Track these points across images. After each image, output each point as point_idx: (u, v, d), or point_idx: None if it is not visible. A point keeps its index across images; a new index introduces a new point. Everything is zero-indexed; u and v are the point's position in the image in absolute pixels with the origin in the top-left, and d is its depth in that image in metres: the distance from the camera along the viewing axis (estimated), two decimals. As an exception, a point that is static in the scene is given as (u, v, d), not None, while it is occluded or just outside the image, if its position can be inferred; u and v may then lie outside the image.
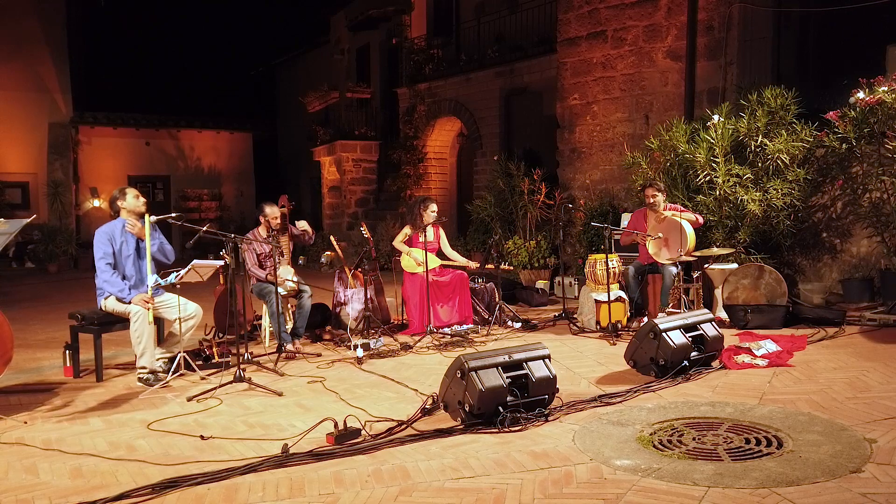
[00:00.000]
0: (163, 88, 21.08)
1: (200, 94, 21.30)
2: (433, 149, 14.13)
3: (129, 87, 20.32)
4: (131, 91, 20.21)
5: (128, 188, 5.21)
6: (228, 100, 21.46)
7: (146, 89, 20.58)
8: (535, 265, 9.24)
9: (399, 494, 2.91)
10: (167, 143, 18.79)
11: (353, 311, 6.55)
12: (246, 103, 21.74)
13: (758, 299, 6.27)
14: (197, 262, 5.03)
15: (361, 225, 7.12)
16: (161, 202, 17.88)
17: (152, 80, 21.10)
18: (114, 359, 5.72)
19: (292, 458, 3.32)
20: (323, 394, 4.56)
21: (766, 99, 6.92)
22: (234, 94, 21.92)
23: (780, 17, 8.12)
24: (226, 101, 21.30)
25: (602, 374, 4.80)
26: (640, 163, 7.68)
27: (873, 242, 6.77)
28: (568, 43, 9.34)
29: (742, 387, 4.26)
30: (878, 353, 4.94)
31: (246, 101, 21.94)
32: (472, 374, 3.67)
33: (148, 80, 20.99)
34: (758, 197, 6.73)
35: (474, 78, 12.68)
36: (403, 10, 14.67)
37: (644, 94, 8.64)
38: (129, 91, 20.19)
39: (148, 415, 4.17)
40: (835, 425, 3.46)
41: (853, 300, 6.66)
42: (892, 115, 6.35)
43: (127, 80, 20.50)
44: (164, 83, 21.28)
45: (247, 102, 21.84)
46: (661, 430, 3.55)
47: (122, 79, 20.47)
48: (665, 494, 2.79)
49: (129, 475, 3.22)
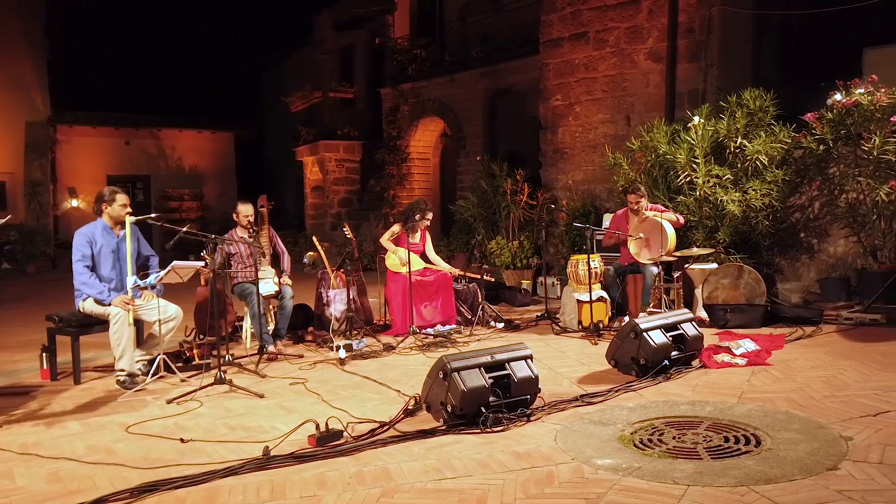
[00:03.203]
0: (144, 88, 20.84)
1: (182, 94, 21.09)
2: (417, 149, 14.12)
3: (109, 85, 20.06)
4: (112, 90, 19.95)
5: (119, 193, 5.10)
6: (211, 99, 21.26)
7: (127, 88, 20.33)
8: (518, 265, 9.27)
9: (381, 496, 2.91)
10: (148, 142, 18.60)
11: (335, 311, 6.53)
12: (230, 103, 21.56)
13: (737, 299, 6.34)
14: (177, 263, 4.99)
15: (344, 225, 7.10)
16: (142, 202, 17.68)
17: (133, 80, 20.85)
18: (92, 361, 5.65)
19: (273, 460, 3.30)
20: (305, 395, 4.54)
21: (746, 100, 7.00)
22: (218, 93, 21.73)
23: (759, 20, 8.21)
24: (209, 100, 21.10)
25: (584, 373, 4.82)
26: (621, 164, 7.73)
27: (850, 242, 6.87)
28: (551, 44, 9.38)
29: (722, 386, 4.30)
30: (854, 351, 5.01)
31: (230, 100, 21.75)
32: (454, 374, 3.67)
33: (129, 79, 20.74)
34: (737, 197, 6.80)
35: (459, 78, 12.68)
36: (387, 10, 14.65)
37: (626, 96, 8.69)
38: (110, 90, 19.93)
39: (127, 418, 4.13)
40: (812, 423, 3.51)
41: (830, 299, 6.75)
42: (868, 117, 6.45)
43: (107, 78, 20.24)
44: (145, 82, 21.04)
45: (231, 102, 21.65)
46: (641, 430, 3.58)
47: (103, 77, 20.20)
48: (646, 493, 2.81)
49: (108, 479, 3.18)
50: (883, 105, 6.37)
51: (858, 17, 7.06)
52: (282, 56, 19.92)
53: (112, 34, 20.91)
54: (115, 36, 21.02)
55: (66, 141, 17.20)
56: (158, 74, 21.38)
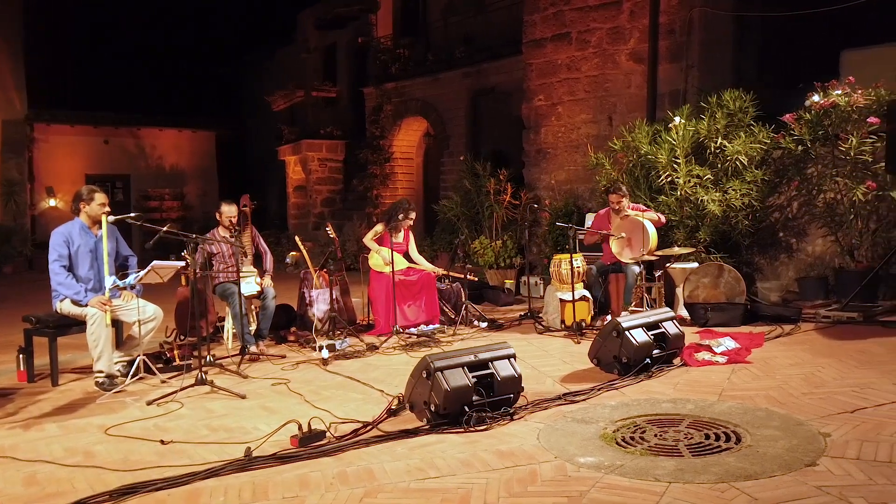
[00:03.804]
0: (123, 86, 20.55)
1: (163, 92, 20.86)
2: (400, 148, 14.10)
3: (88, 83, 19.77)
4: (90, 88, 19.66)
5: (98, 192, 5.02)
6: (192, 98, 21.04)
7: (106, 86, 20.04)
8: (501, 265, 9.28)
9: (364, 496, 2.90)
10: (127, 141, 18.38)
11: (318, 311, 6.50)
12: (211, 102, 21.35)
13: (718, 297, 6.40)
14: (157, 263, 4.93)
15: (327, 225, 7.06)
16: (121, 202, 17.46)
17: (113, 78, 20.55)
18: (71, 363, 5.57)
19: (255, 461, 3.27)
20: (287, 396, 4.51)
21: (726, 101, 7.07)
22: (199, 92, 21.50)
23: (739, 22, 8.30)
24: (190, 99, 20.88)
25: (567, 372, 4.84)
26: (604, 164, 7.78)
27: (828, 242, 6.97)
28: (533, 44, 9.41)
29: (702, 383, 4.34)
30: (832, 349, 5.08)
31: (211, 99, 21.54)
32: (437, 374, 3.67)
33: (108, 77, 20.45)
34: (717, 197, 6.87)
35: (442, 78, 12.68)
36: (370, 9, 14.61)
37: (608, 96, 8.75)
38: (89, 88, 19.64)
39: (106, 420, 4.08)
40: (791, 420, 3.55)
41: (809, 298, 6.85)
42: (845, 117, 6.55)
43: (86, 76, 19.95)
44: (124, 81, 20.76)
45: (212, 101, 21.44)
46: (624, 428, 3.60)
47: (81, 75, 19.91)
48: (628, 491, 2.82)
49: (87, 482, 3.14)
50: (860, 106, 6.47)
51: (836, 19, 7.17)
52: (264, 55, 19.79)
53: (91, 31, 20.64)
54: (94, 33, 20.74)
55: (43, 140, 16.94)
56: (138, 72, 21.12)
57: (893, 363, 4.51)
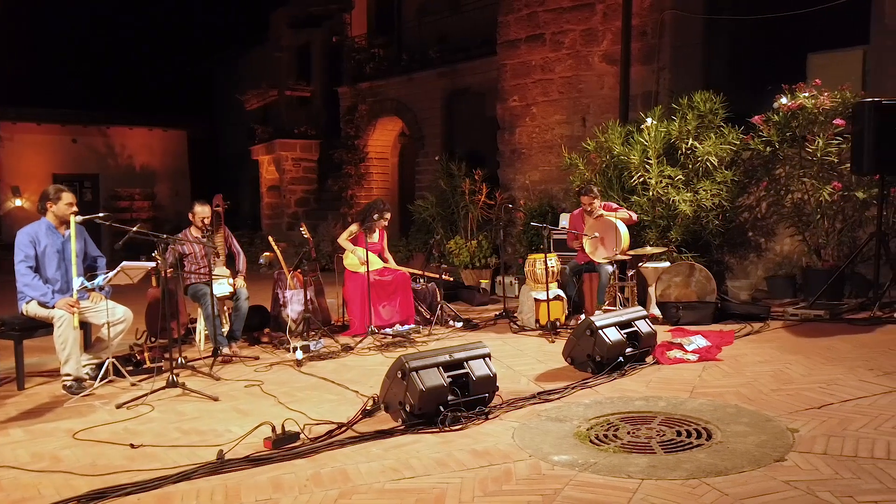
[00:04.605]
0: (93, 84, 20.19)
1: (133, 90, 20.53)
2: (375, 149, 14.05)
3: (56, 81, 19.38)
4: (59, 85, 19.27)
5: (65, 192, 4.93)
6: (163, 96, 20.74)
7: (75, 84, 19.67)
8: (476, 265, 9.30)
9: (339, 497, 2.88)
10: (96, 140, 18.05)
11: (292, 312, 6.44)
12: (183, 100, 21.06)
13: (689, 296, 6.49)
14: (126, 264, 4.85)
15: (301, 225, 7.01)
16: (90, 202, 17.16)
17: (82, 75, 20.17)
18: (37, 366, 5.45)
19: (228, 464, 3.23)
20: (261, 398, 4.47)
21: (697, 103, 7.17)
22: (170, 90, 21.20)
23: (709, 25, 8.43)
24: (160, 97, 20.58)
25: (541, 371, 4.87)
26: (577, 164, 7.84)
27: (795, 241, 7.11)
28: (508, 45, 9.45)
29: (674, 381, 4.40)
30: (800, 346, 5.19)
31: (182, 97, 21.25)
32: (412, 374, 3.67)
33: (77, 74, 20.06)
34: (688, 197, 6.97)
35: (417, 78, 12.67)
36: (344, 8, 14.54)
37: (581, 97, 8.82)
38: (57, 85, 19.25)
39: (74, 424, 4.00)
40: (760, 416, 3.61)
41: (777, 296, 6.98)
42: (812, 119, 6.69)
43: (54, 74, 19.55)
44: (94, 78, 20.39)
45: (183, 99, 21.16)
46: (597, 426, 3.63)
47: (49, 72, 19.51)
48: (601, 488, 2.85)
49: (54, 487, 3.07)
50: (826, 108, 6.61)
51: (803, 23, 7.31)
52: (236, 53, 19.58)
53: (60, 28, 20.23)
54: (63, 30, 20.33)
55: (8, 138, 16.56)
56: (108, 70, 20.77)
57: (859, 360, 4.61)
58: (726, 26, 8.45)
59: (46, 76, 19.30)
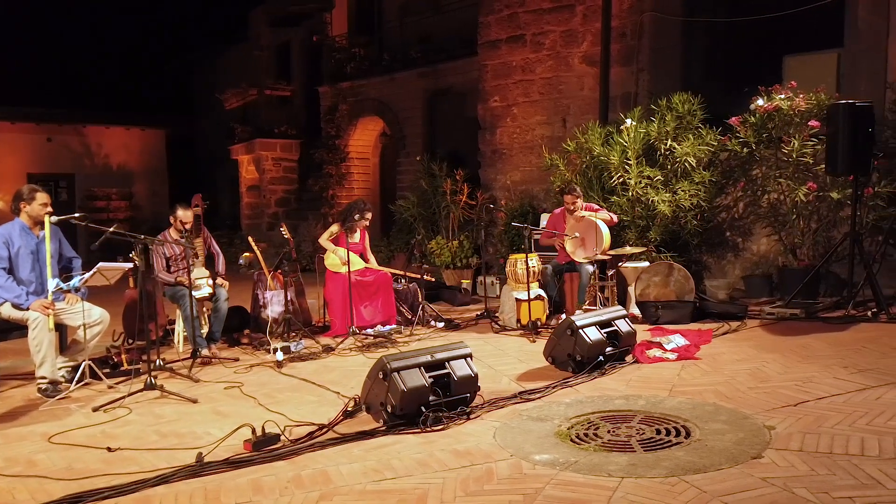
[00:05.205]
0: (68, 81, 19.89)
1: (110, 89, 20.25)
2: (356, 148, 14.00)
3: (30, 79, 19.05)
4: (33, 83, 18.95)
5: (40, 192, 4.86)
6: (141, 95, 20.49)
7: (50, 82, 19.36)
8: (457, 265, 9.31)
9: (320, 499, 2.87)
10: (72, 139, 17.76)
11: (272, 313, 6.40)
12: (161, 99, 20.82)
13: (668, 296, 6.56)
14: (103, 265, 4.79)
15: (282, 225, 6.97)
16: (65, 202, 16.86)
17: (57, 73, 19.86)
18: (11, 369, 5.36)
19: (207, 466, 3.21)
20: (241, 399, 4.43)
21: (675, 104, 7.24)
22: (148, 89, 20.95)
23: (688, 27, 8.52)
24: (138, 96, 20.33)
25: (522, 370, 4.89)
26: (558, 164, 7.88)
27: (772, 241, 7.21)
28: (489, 46, 9.47)
29: (654, 380, 4.44)
30: (776, 344, 5.26)
31: (161, 96, 21.01)
32: (394, 374, 3.66)
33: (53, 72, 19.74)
34: (667, 198, 7.04)
35: (398, 78, 12.64)
36: (325, 7, 14.46)
37: (562, 98, 8.86)
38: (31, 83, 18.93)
39: (50, 427, 3.94)
40: (738, 414, 3.66)
41: (754, 295, 7.08)
42: (787, 121, 6.78)
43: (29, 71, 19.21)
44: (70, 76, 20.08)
45: (162, 98, 20.91)
46: (578, 425, 3.66)
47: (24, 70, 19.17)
48: (582, 487, 2.87)
49: (28, 492, 3.02)
50: (801, 110, 6.71)
51: (779, 25, 7.42)
52: (215, 52, 19.38)
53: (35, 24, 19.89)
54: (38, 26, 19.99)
55: (-20, 136, 16.24)
56: (84, 68, 20.46)
57: (834, 358, 4.69)
58: (703, 28, 8.55)
59: (20, 74, 18.96)
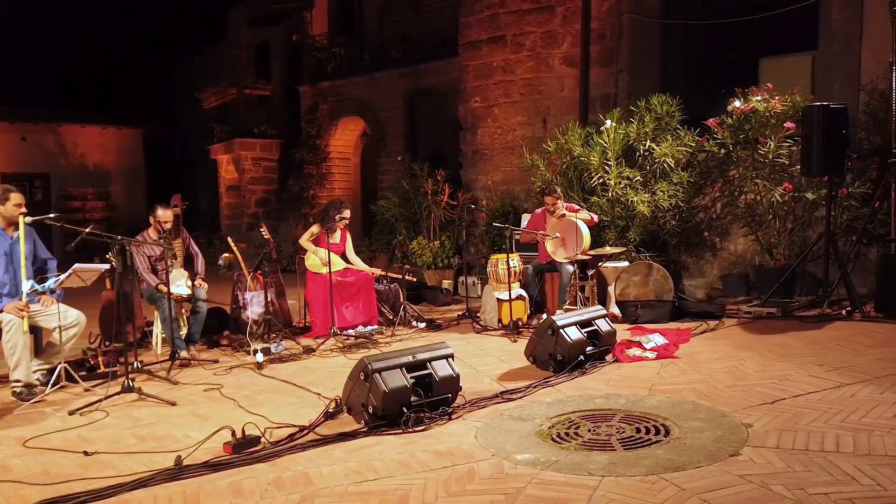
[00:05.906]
0: (43, 80, 19.51)
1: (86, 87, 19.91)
2: (337, 148, 13.94)
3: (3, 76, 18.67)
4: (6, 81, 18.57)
5: (13, 192, 4.77)
6: (118, 94, 20.17)
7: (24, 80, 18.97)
8: (439, 265, 9.31)
9: (301, 501, 2.85)
10: (47, 138, 17.48)
11: (252, 314, 6.35)
12: (138, 98, 20.52)
13: (647, 295, 6.62)
14: (79, 266, 4.72)
15: (262, 226, 6.91)
16: (40, 202, 16.59)
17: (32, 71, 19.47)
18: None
19: (186, 470, 3.17)
20: (220, 402, 4.39)
21: (654, 106, 7.31)
22: (125, 88, 20.62)
23: (666, 29, 8.60)
24: (115, 95, 20.01)
25: (504, 370, 4.90)
26: (538, 165, 7.91)
27: (749, 241, 7.31)
28: (470, 46, 9.48)
29: (634, 379, 4.48)
30: (753, 343, 5.33)
31: (138, 95, 20.70)
32: (375, 375, 3.65)
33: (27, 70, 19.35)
34: (646, 198, 7.10)
35: (378, 78, 12.61)
36: (304, 6, 14.38)
37: (542, 99, 8.90)
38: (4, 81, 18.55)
39: (24, 431, 3.87)
40: (716, 412, 3.70)
41: (732, 294, 7.17)
42: (764, 122, 6.88)
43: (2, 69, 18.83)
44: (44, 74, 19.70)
45: (139, 97, 20.61)
46: (559, 424, 3.68)
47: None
48: (563, 486, 2.88)
49: (3, 498, 2.97)
50: (777, 112, 6.81)
51: (755, 28, 7.52)
52: (194, 51, 19.19)
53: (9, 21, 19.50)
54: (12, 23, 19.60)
55: (-48, 136, 15.92)
56: (60, 66, 20.11)
57: (809, 356, 4.77)
58: (682, 30, 8.63)
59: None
